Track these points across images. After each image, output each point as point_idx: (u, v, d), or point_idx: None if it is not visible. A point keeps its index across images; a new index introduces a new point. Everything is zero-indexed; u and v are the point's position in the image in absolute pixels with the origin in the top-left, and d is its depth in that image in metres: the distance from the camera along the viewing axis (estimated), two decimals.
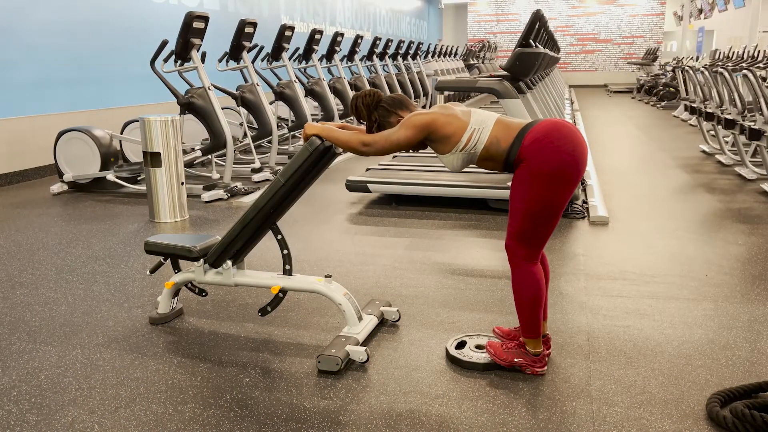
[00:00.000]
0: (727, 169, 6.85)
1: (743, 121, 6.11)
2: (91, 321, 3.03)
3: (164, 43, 5.65)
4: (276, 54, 7.70)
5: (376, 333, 2.83)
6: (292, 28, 7.51)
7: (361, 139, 2.37)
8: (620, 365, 2.50)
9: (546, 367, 2.44)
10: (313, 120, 8.53)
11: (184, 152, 6.03)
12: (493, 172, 5.38)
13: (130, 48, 8.21)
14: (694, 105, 8.12)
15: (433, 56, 16.49)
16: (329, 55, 9.64)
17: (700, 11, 21.78)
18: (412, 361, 2.56)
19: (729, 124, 6.29)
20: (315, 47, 8.55)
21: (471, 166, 2.42)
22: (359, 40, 10.54)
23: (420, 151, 2.49)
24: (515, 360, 2.43)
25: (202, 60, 6.15)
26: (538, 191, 2.21)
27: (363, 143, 2.37)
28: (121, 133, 6.89)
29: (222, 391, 2.36)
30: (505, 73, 4.96)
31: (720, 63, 12.31)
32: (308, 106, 8.26)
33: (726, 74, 6.42)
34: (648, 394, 2.28)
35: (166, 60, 5.95)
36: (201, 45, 5.93)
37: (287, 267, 2.77)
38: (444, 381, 2.40)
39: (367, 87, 10.43)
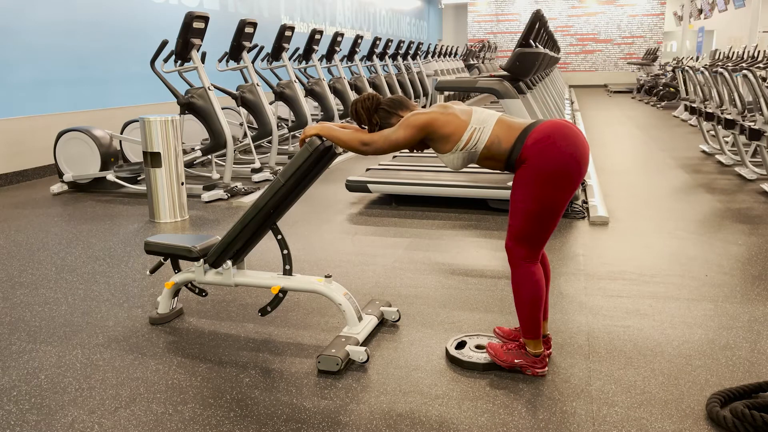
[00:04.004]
0: (727, 169, 6.85)
1: (743, 121, 6.11)
2: (91, 321, 3.03)
3: (164, 43, 5.65)
4: (276, 54, 7.70)
5: (376, 333, 2.83)
6: (292, 28, 7.51)
7: (361, 139, 2.39)
8: (620, 365, 2.50)
9: (546, 368, 2.44)
10: (313, 120, 8.52)
11: (184, 152, 6.03)
12: (493, 172, 5.38)
13: (130, 48, 8.21)
14: (694, 105, 8.12)
15: (433, 56, 16.49)
16: (329, 55, 9.64)
17: (700, 11, 21.78)
18: (412, 361, 2.56)
19: (729, 124, 6.29)
20: (315, 47, 8.55)
21: (472, 165, 2.42)
22: (359, 40, 10.54)
23: (423, 150, 2.49)
24: (515, 361, 2.43)
25: (202, 60, 6.15)
26: (539, 191, 2.21)
27: (362, 142, 2.38)
28: (121, 133, 6.89)
29: (222, 391, 2.36)
30: (505, 73, 4.96)
31: (720, 63, 12.31)
32: (308, 106, 8.26)
33: (726, 74, 6.42)
34: (648, 394, 2.28)
35: (166, 60, 5.95)
36: (201, 45, 5.93)
37: (287, 267, 2.77)
38: (444, 381, 2.40)
39: (368, 87, 10.44)
